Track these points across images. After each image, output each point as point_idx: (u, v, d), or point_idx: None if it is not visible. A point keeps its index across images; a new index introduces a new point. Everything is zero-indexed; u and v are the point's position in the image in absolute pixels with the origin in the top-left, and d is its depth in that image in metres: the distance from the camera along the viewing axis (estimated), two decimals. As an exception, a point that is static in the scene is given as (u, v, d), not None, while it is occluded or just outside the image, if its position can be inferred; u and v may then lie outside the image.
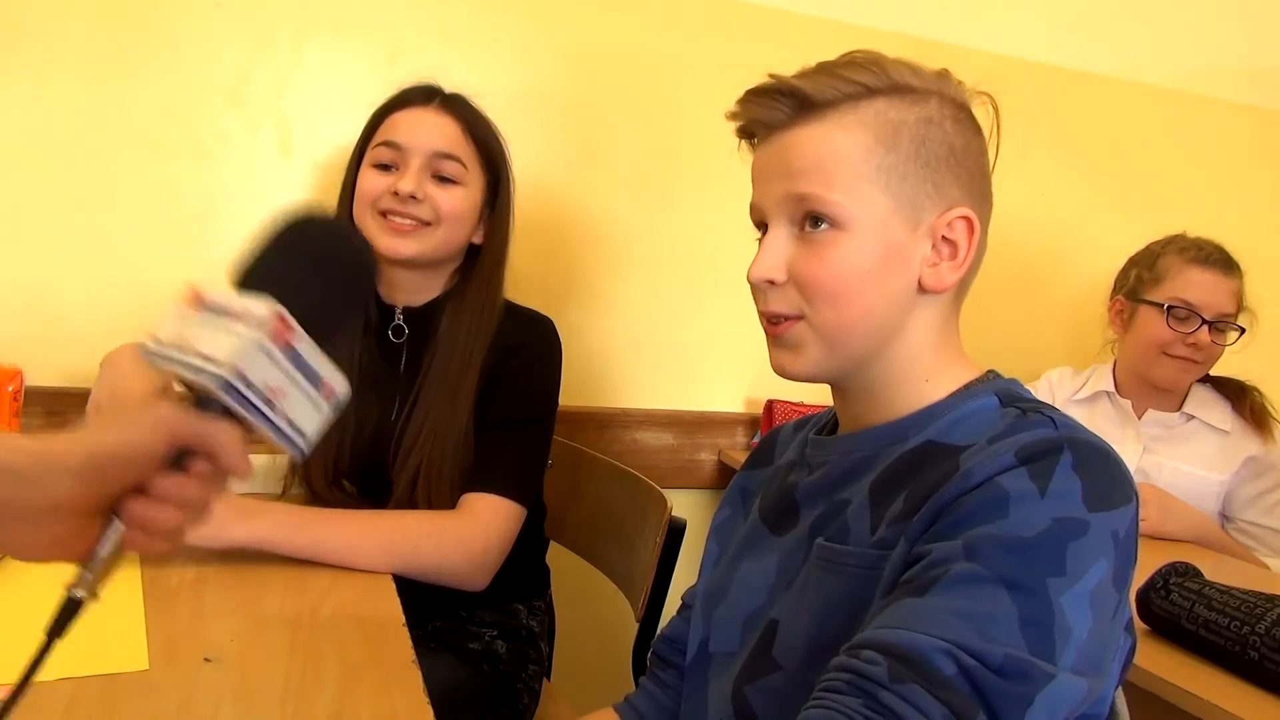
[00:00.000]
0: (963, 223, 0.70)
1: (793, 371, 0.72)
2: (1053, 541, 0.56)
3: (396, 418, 1.19)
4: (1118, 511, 0.58)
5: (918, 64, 0.71)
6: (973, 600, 0.55)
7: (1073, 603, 0.54)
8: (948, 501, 0.60)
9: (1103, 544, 0.56)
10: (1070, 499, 0.57)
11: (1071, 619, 0.54)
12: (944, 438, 0.67)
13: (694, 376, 1.81)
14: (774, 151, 0.71)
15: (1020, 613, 0.54)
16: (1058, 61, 1.96)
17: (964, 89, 0.72)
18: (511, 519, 1.11)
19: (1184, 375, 1.60)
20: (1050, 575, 0.55)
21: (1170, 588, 1.00)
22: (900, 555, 0.62)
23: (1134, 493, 0.60)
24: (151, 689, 0.71)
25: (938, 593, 0.56)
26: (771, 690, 0.70)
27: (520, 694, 1.25)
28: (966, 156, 0.70)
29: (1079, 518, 0.56)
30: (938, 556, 0.58)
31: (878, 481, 0.68)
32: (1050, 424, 0.62)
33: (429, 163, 1.17)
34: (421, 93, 1.21)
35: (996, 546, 0.56)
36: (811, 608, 0.68)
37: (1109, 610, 0.57)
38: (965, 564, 0.56)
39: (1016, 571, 0.55)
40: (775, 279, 0.70)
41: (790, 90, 0.69)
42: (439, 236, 1.18)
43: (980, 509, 0.58)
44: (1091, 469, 0.59)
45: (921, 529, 0.61)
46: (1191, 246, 1.59)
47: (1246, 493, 1.57)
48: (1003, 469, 0.59)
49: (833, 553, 0.68)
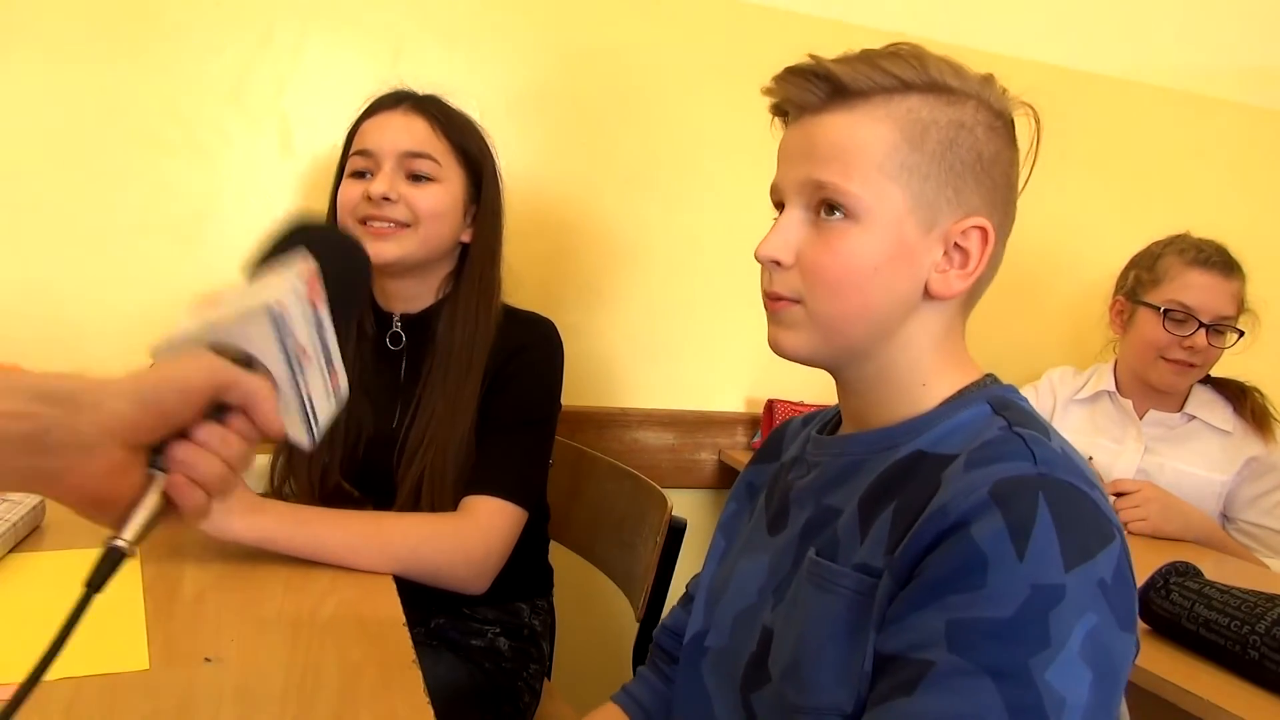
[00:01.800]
0: (978, 232, 0.69)
1: (785, 349, 0.72)
2: (1033, 615, 0.55)
3: (399, 425, 1.19)
4: (1098, 559, 0.57)
5: (962, 65, 0.70)
6: (960, 697, 0.55)
7: (1061, 672, 0.54)
8: (925, 544, 0.60)
9: (1086, 599, 0.56)
10: (1048, 561, 0.56)
11: (1062, 688, 0.54)
12: (934, 448, 0.67)
13: (694, 376, 1.81)
14: (802, 134, 0.71)
15: (1007, 702, 0.54)
16: (1058, 61, 1.96)
17: (1006, 97, 0.71)
18: (512, 522, 1.11)
19: (1180, 379, 1.59)
20: (1033, 654, 0.55)
21: (1170, 587, 1.00)
22: (886, 592, 0.62)
23: (1115, 528, 0.60)
24: (152, 689, 0.71)
25: (925, 691, 0.56)
26: (764, 701, 0.70)
27: (521, 693, 1.25)
28: (994, 166, 0.69)
29: (1057, 583, 0.56)
30: (919, 638, 0.58)
31: (867, 494, 0.68)
32: (1029, 457, 0.61)
33: (400, 163, 1.17)
34: (390, 98, 1.22)
35: (977, 634, 0.56)
36: (800, 624, 0.68)
37: (1111, 657, 0.57)
38: (948, 656, 0.56)
39: (999, 659, 0.55)
40: (782, 260, 0.70)
41: (826, 74, 0.68)
42: (419, 236, 1.18)
43: (957, 573, 0.58)
44: (1068, 517, 0.58)
45: (904, 571, 0.61)
46: (1191, 248, 1.58)
47: (1247, 493, 1.57)
48: (977, 511, 0.58)
49: (824, 570, 0.68)
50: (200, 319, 0.55)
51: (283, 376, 0.55)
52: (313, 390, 0.57)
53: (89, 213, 1.45)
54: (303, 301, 0.56)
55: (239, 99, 1.49)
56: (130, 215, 1.47)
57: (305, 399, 0.56)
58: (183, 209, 1.49)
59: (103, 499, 0.48)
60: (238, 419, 0.53)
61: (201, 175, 1.49)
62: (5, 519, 0.94)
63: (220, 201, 1.50)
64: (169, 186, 1.48)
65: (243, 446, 0.53)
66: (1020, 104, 0.72)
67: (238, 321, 0.54)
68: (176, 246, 1.49)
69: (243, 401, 0.53)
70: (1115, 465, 1.63)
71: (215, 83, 1.48)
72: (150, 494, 0.50)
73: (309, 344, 0.56)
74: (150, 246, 1.48)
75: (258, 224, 1.52)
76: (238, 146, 1.50)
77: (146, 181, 1.47)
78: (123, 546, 0.49)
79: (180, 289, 1.50)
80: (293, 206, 1.54)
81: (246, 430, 0.53)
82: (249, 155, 1.51)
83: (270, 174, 1.52)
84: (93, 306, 1.46)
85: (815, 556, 0.69)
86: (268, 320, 0.54)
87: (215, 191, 1.50)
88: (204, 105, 1.48)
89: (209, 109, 1.48)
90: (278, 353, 0.54)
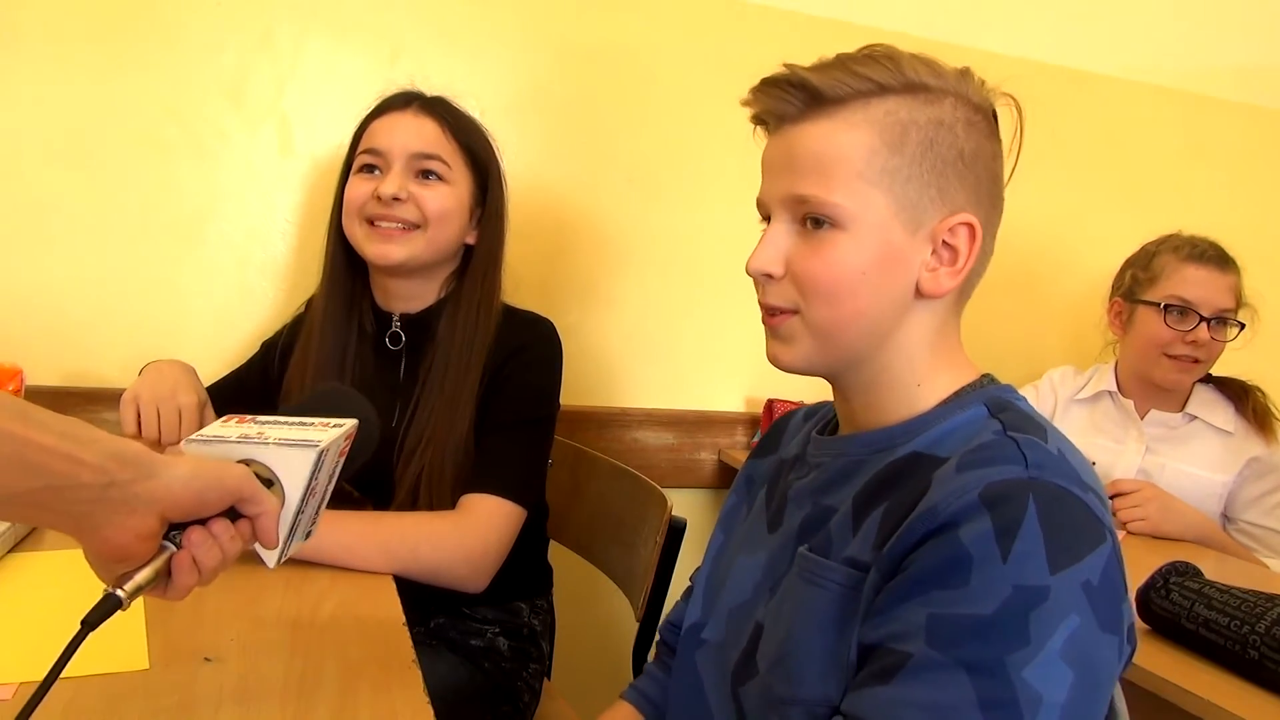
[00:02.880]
0: (965, 229, 0.69)
1: (784, 362, 0.73)
2: (1013, 614, 0.56)
3: (397, 424, 1.19)
4: (1085, 562, 0.57)
5: (938, 63, 0.70)
6: (935, 689, 0.56)
7: (1040, 671, 0.55)
8: (913, 542, 0.60)
9: (1069, 602, 0.56)
10: (1033, 562, 0.56)
11: (1041, 687, 0.54)
12: (930, 449, 0.67)
13: (694, 376, 1.81)
14: (782, 145, 0.71)
15: (981, 697, 0.54)
16: (1059, 61, 1.96)
17: (985, 90, 0.71)
18: (511, 520, 1.11)
19: (1185, 375, 1.59)
20: (1010, 652, 0.55)
21: (1170, 587, 1.00)
22: (872, 585, 0.63)
23: (1107, 530, 0.60)
24: (151, 688, 0.71)
25: (902, 681, 0.57)
26: (751, 694, 0.71)
27: (521, 692, 1.25)
28: (976, 161, 0.69)
29: (1040, 584, 0.56)
30: (900, 629, 0.59)
31: (862, 492, 0.69)
32: (1021, 461, 0.61)
33: (410, 164, 1.17)
34: (400, 98, 1.22)
35: (957, 629, 0.57)
36: (787, 618, 0.68)
37: (1093, 659, 0.57)
38: (926, 649, 0.57)
39: (976, 654, 0.56)
40: (772, 273, 0.71)
41: (802, 83, 0.68)
42: (427, 238, 1.18)
43: (942, 570, 0.58)
44: (1057, 520, 0.58)
45: (890, 566, 0.62)
46: (1185, 244, 1.58)
47: (1248, 494, 1.57)
48: (966, 512, 0.58)
49: (813, 564, 0.68)
50: (238, 432, 0.64)
51: (293, 503, 0.63)
52: (301, 522, 0.65)
53: (89, 213, 1.45)
54: (336, 454, 0.66)
55: (239, 99, 1.49)
56: (130, 215, 1.47)
57: (295, 527, 0.64)
58: (183, 209, 1.49)
59: (123, 556, 0.55)
60: (244, 524, 0.60)
61: (201, 175, 1.49)
62: (5, 519, 0.94)
63: (220, 201, 1.51)
64: (169, 187, 1.48)
65: (239, 546, 0.60)
66: (1000, 95, 0.72)
67: (282, 447, 0.63)
68: (176, 246, 1.49)
69: (255, 513, 0.60)
70: (1116, 465, 1.63)
71: (215, 83, 1.48)
72: (157, 561, 0.56)
73: (321, 487, 0.66)
74: (150, 246, 1.48)
75: (258, 224, 1.53)
76: (238, 146, 1.50)
77: (147, 182, 1.47)
78: (120, 598, 0.55)
79: (180, 289, 1.50)
80: (292, 206, 1.54)
81: (246, 535, 0.61)
82: (249, 155, 1.51)
83: (270, 174, 1.52)
84: (93, 306, 1.46)
85: (806, 552, 0.69)
86: (314, 459, 0.63)
87: (215, 191, 1.50)
88: (204, 105, 1.48)
89: (209, 109, 1.48)
90: (302, 485, 0.63)
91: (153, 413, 1.16)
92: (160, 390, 1.17)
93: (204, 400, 1.22)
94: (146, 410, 1.16)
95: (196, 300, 1.51)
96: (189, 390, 1.19)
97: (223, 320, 1.52)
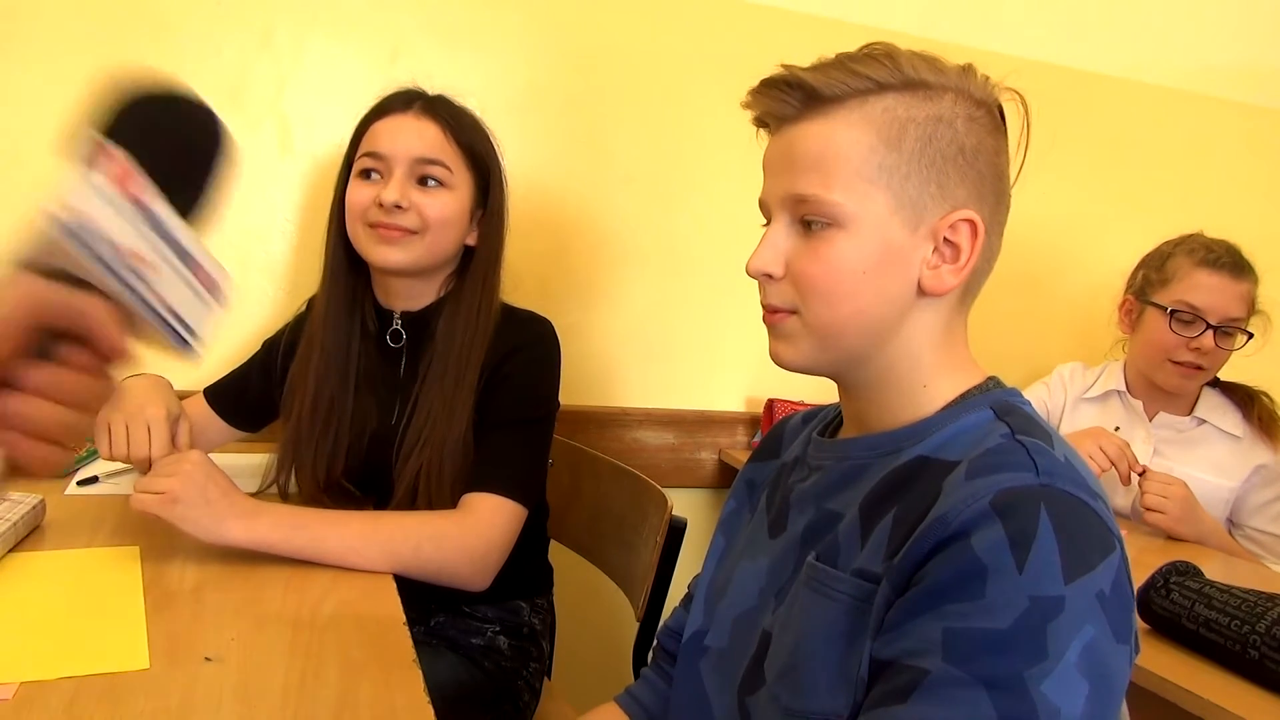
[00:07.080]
0: (966, 225, 0.68)
1: (786, 361, 0.73)
2: (1030, 627, 0.55)
3: (397, 421, 1.19)
4: (1098, 572, 0.57)
5: (939, 59, 0.69)
6: (954, 707, 0.55)
7: (1057, 684, 0.54)
8: (925, 552, 0.60)
9: (1085, 611, 0.56)
10: (1048, 572, 0.56)
11: (1058, 699, 0.54)
12: (937, 453, 0.67)
13: (694, 376, 1.81)
14: (782, 146, 0.71)
15: (1001, 713, 0.54)
16: (1062, 61, 1.96)
17: (989, 86, 0.70)
18: (513, 519, 1.11)
19: (1186, 382, 1.58)
20: (1028, 666, 0.54)
21: (1171, 587, 1.00)
22: (884, 598, 0.62)
23: (1116, 539, 0.60)
24: (152, 688, 0.71)
25: (919, 699, 0.56)
26: (758, 704, 0.70)
27: (521, 691, 1.26)
28: (977, 157, 0.68)
29: (1056, 595, 0.55)
30: (915, 645, 0.58)
31: (869, 499, 0.68)
32: (1031, 468, 0.60)
33: (412, 169, 1.17)
34: (401, 99, 1.20)
35: (973, 644, 0.56)
36: (797, 628, 0.68)
37: (1108, 669, 0.57)
38: (943, 665, 0.56)
39: (994, 670, 0.55)
40: (772, 273, 0.71)
41: (799, 83, 0.68)
42: (427, 243, 1.17)
43: (957, 581, 0.58)
44: (1069, 528, 0.57)
45: (902, 578, 0.61)
46: (1201, 248, 1.55)
47: (1255, 500, 1.55)
48: (978, 521, 0.58)
49: (823, 575, 0.68)
50: None
51: (117, 290, 0.47)
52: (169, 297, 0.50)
53: (89, 212, 1.45)
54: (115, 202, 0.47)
55: (239, 99, 1.49)
56: (130, 215, 1.46)
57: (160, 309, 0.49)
58: (183, 209, 1.49)
59: None
60: (74, 351, 0.46)
61: (201, 175, 1.49)
62: (5, 519, 0.94)
63: (219, 201, 1.50)
64: (169, 186, 1.48)
65: (86, 383, 0.46)
66: (1005, 91, 0.71)
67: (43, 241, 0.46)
68: (177, 246, 1.49)
69: (76, 326, 0.46)
70: None
71: (215, 83, 1.48)
72: None
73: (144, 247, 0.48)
74: (150, 246, 1.48)
75: (258, 224, 1.53)
76: (237, 146, 1.50)
77: (147, 181, 1.47)
78: None
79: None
80: (292, 206, 1.54)
81: (87, 362, 0.46)
82: (249, 155, 1.51)
83: (270, 174, 1.52)
84: (93, 306, 1.46)
85: (815, 561, 0.69)
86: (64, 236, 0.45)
87: (215, 191, 1.50)
88: (204, 105, 1.48)
89: (209, 109, 1.48)
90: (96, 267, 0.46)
91: (121, 431, 1.12)
92: (127, 408, 1.13)
93: (175, 412, 1.16)
94: (116, 430, 1.12)
95: (197, 300, 1.51)
96: (156, 403, 1.14)
97: (223, 319, 1.52)
